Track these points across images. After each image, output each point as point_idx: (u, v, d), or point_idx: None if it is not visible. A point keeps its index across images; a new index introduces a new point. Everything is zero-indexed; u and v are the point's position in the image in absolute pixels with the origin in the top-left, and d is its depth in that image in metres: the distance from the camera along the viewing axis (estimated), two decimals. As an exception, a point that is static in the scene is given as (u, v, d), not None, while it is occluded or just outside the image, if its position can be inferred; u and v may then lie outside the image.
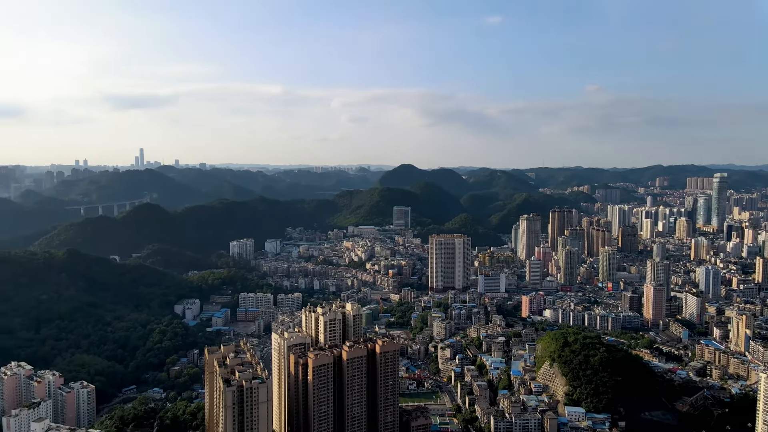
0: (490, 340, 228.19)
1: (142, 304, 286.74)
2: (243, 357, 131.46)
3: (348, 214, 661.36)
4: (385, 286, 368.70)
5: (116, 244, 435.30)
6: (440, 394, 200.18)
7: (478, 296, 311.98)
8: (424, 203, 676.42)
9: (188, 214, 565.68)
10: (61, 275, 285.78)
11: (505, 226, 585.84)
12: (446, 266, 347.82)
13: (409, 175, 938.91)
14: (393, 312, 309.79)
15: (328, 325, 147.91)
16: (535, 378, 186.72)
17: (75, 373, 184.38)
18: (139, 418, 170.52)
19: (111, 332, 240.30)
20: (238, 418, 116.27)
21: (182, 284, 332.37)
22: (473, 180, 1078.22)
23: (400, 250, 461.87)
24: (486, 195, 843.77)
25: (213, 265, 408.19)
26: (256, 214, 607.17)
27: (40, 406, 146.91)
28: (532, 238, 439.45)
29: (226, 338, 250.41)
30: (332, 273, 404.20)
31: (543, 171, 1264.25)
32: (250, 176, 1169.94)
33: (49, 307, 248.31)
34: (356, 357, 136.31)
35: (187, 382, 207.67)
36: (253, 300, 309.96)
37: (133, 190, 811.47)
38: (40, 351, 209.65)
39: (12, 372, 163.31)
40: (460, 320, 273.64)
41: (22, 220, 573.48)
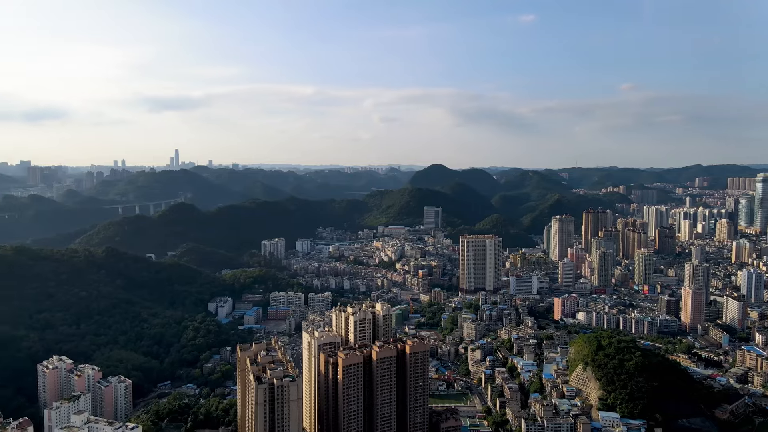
0: (521, 342, 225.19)
1: (177, 302, 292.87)
2: (274, 355, 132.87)
3: (378, 214, 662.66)
4: (415, 287, 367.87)
5: (152, 242, 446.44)
6: (470, 395, 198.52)
7: (509, 298, 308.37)
8: (455, 203, 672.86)
9: (221, 213, 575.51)
10: (100, 272, 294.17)
11: (537, 227, 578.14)
12: (477, 267, 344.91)
13: (439, 175, 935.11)
14: (423, 312, 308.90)
15: (358, 324, 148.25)
16: (567, 382, 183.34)
17: (113, 368, 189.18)
18: (174, 413, 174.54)
19: (147, 329, 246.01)
20: (269, 415, 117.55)
21: (215, 282, 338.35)
22: (504, 180, 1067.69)
23: (430, 250, 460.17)
24: (517, 195, 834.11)
25: (245, 264, 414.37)
26: (287, 214, 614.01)
27: (80, 400, 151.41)
28: (564, 240, 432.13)
29: (257, 336, 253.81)
30: (362, 273, 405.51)
31: (576, 171, 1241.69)
32: (282, 176, 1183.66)
33: (89, 303, 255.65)
34: (386, 357, 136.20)
35: (219, 378, 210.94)
36: (284, 299, 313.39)
37: (169, 190, 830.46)
38: (80, 346, 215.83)
39: (54, 366, 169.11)
40: (491, 322, 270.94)
41: (64, 219, 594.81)
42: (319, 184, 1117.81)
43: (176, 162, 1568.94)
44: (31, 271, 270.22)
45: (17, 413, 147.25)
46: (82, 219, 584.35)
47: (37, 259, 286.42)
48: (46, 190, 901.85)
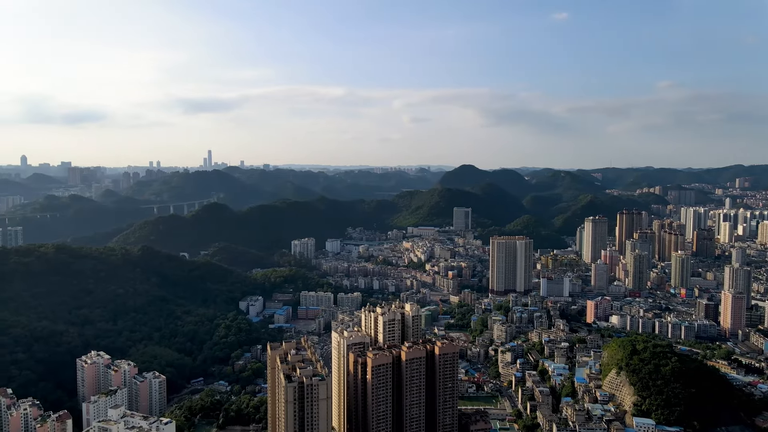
0: (552, 345, 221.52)
1: (209, 300, 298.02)
2: (304, 354, 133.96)
3: (408, 215, 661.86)
4: (445, 288, 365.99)
5: (186, 241, 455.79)
6: (500, 398, 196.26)
7: (540, 300, 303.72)
8: (485, 204, 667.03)
9: (252, 213, 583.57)
10: (136, 270, 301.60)
11: (569, 228, 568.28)
12: (507, 268, 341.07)
13: (469, 175, 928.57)
14: (452, 314, 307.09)
15: (387, 325, 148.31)
16: (600, 386, 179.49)
17: (148, 364, 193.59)
18: (206, 409, 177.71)
19: (181, 326, 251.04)
20: (299, 413, 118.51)
21: (246, 281, 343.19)
22: (536, 181, 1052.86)
23: (460, 251, 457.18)
24: (549, 196, 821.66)
25: (275, 263, 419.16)
26: (317, 214, 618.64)
27: (117, 394, 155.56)
28: (598, 241, 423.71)
29: (287, 335, 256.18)
30: (392, 273, 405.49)
31: (610, 171, 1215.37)
32: (312, 177, 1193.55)
33: (125, 300, 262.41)
34: (415, 358, 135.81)
35: (250, 376, 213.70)
36: (314, 298, 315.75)
37: (202, 190, 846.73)
38: (117, 341, 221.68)
39: (92, 361, 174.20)
40: (522, 324, 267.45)
41: (102, 218, 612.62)
42: (349, 184, 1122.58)
43: (209, 163, 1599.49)
44: (71, 268, 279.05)
45: (57, 406, 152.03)
46: (119, 218, 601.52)
47: (76, 257, 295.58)
48: (85, 190, 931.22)
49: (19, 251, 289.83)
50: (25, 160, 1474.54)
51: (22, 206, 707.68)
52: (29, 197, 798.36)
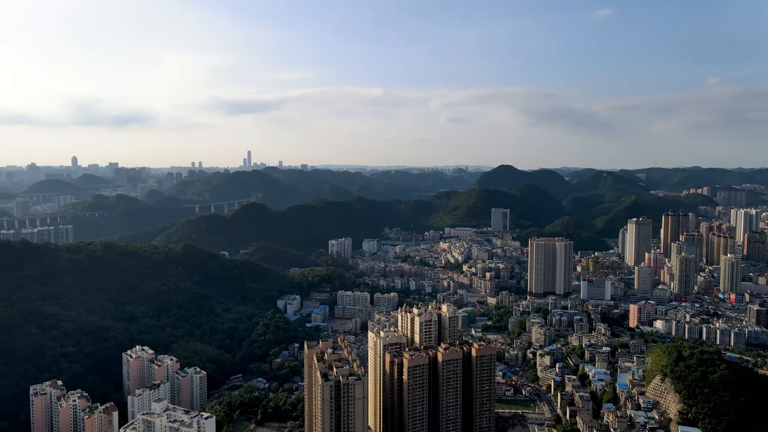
0: (593, 350, 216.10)
1: (248, 298, 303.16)
2: (340, 353, 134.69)
3: (445, 215, 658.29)
4: (482, 289, 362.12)
5: (226, 240, 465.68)
6: (538, 402, 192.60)
7: (581, 303, 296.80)
8: (524, 205, 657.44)
9: (290, 213, 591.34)
10: (178, 268, 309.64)
11: (611, 230, 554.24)
12: (546, 270, 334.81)
13: (508, 176, 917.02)
14: (490, 315, 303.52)
15: (423, 326, 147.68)
16: (644, 393, 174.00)
17: (189, 360, 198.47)
18: (245, 405, 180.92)
19: (221, 323, 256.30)
20: (335, 412, 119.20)
21: (284, 280, 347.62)
22: (576, 181, 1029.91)
23: (497, 252, 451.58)
24: (590, 197, 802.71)
25: (313, 262, 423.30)
26: (354, 214, 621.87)
27: (160, 388, 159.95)
28: (641, 244, 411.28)
29: (324, 334, 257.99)
30: (428, 274, 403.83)
31: (655, 171, 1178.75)
32: (349, 177, 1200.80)
33: (168, 297, 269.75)
34: (452, 359, 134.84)
35: (287, 374, 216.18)
36: (351, 298, 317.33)
37: (241, 190, 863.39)
38: (160, 337, 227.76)
39: (137, 355, 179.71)
40: (561, 327, 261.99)
41: (146, 217, 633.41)
42: (386, 184, 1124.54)
43: (249, 163, 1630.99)
44: (117, 265, 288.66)
45: (104, 398, 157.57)
46: (162, 217, 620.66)
47: (123, 255, 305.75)
48: (131, 189, 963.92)
49: (70, 248, 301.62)
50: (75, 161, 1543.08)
51: (72, 205, 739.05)
52: (79, 197, 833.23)
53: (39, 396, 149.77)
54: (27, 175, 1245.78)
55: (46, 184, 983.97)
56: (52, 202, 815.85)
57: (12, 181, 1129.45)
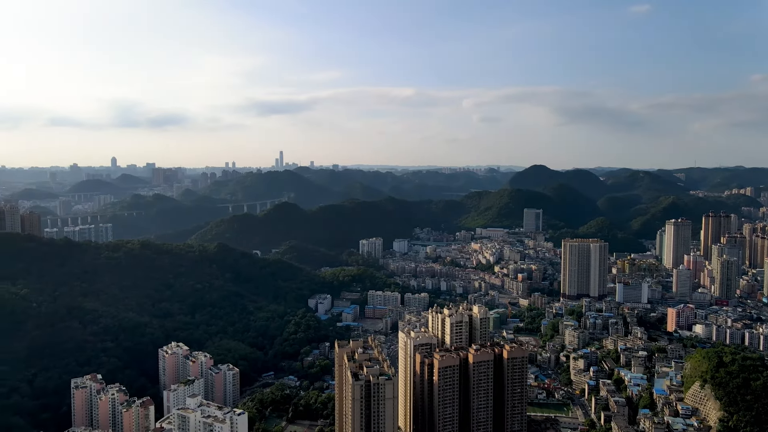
0: (629, 354, 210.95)
1: (280, 297, 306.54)
2: (371, 353, 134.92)
3: (476, 216, 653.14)
4: (514, 291, 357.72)
5: (258, 239, 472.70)
6: (572, 407, 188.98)
7: (616, 305, 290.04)
8: (557, 205, 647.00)
9: (321, 212, 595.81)
10: (212, 267, 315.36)
11: (647, 231, 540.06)
12: (580, 272, 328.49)
13: (541, 176, 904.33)
14: (522, 317, 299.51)
15: (454, 326, 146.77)
16: (682, 399, 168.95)
17: (222, 356, 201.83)
18: (276, 403, 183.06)
19: (253, 321, 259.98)
20: (365, 411, 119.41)
21: (315, 279, 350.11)
22: (611, 181, 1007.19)
23: (530, 253, 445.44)
24: (626, 197, 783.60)
25: (343, 262, 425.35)
26: (384, 214, 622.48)
27: (194, 384, 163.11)
28: (680, 245, 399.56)
29: (354, 334, 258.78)
30: (459, 275, 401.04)
31: (694, 171, 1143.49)
32: (380, 177, 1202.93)
33: (202, 295, 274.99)
34: (483, 361, 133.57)
35: (318, 372, 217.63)
36: (381, 298, 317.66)
37: (273, 190, 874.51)
38: (195, 334, 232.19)
39: (172, 351, 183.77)
40: (595, 330, 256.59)
41: (182, 216, 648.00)
42: (417, 184, 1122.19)
43: (281, 163, 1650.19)
44: (154, 263, 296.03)
45: (141, 392, 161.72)
46: (197, 216, 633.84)
47: (159, 253, 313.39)
48: (167, 189, 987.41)
49: (109, 246, 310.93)
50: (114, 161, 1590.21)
51: (111, 204, 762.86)
52: (118, 196, 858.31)
53: (80, 389, 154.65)
54: (69, 175, 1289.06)
55: (87, 183, 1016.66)
56: (92, 202, 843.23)
57: (55, 181, 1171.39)
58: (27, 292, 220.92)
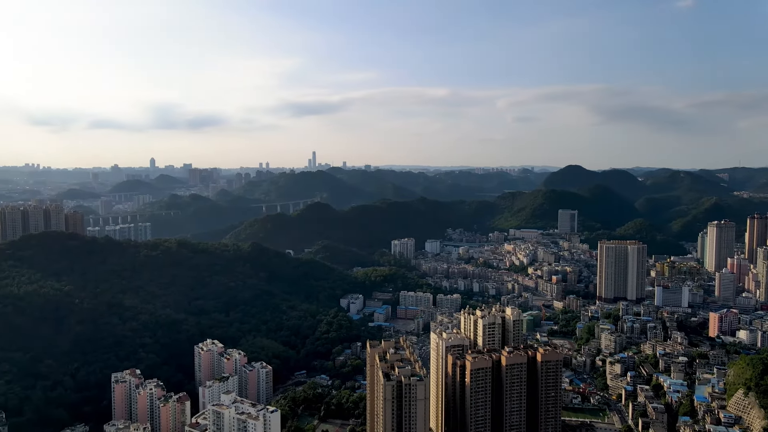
0: (668, 359, 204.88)
1: (312, 296, 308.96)
2: (402, 353, 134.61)
3: (509, 217, 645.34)
4: (548, 293, 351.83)
5: (291, 239, 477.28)
6: (608, 412, 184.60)
7: (655, 309, 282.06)
8: (593, 206, 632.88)
9: (354, 213, 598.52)
10: (246, 266, 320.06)
11: (688, 233, 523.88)
12: (617, 275, 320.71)
13: (576, 176, 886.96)
14: (556, 320, 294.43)
15: (487, 328, 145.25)
16: (725, 407, 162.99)
17: (256, 354, 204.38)
18: (309, 401, 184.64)
19: (286, 320, 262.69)
20: (397, 412, 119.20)
21: (347, 279, 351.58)
22: (650, 182, 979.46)
23: (565, 255, 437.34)
24: (666, 198, 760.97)
25: (375, 262, 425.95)
26: (416, 215, 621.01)
27: (228, 381, 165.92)
28: (723, 248, 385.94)
29: (386, 334, 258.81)
30: (492, 276, 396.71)
31: (739, 171, 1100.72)
32: (412, 177, 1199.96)
33: (236, 293, 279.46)
34: (516, 363, 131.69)
35: (350, 372, 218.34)
36: (413, 299, 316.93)
37: (306, 190, 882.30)
38: (229, 331, 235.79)
39: (207, 348, 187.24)
40: (633, 334, 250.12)
41: (217, 216, 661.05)
42: (449, 185, 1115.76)
43: (313, 164, 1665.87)
44: (190, 262, 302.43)
45: (177, 388, 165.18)
46: (231, 216, 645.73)
47: (195, 252, 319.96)
48: (203, 189, 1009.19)
49: (148, 245, 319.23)
50: (153, 162, 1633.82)
51: (150, 204, 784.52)
52: (156, 196, 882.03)
53: (119, 383, 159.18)
54: (110, 175, 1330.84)
55: (127, 184, 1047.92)
56: (132, 201, 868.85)
57: (97, 181, 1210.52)
58: (71, 289, 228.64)
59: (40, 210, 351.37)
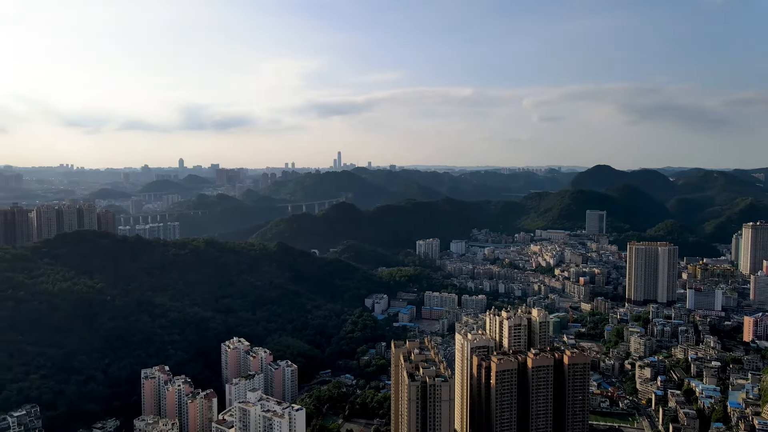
0: (700, 364, 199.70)
1: (337, 296, 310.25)
2: (427, 354, 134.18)
3: (536, 217, 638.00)
4: (575, 294, 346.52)
5: (316, 238, 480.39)
6: (637, 417, 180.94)
7: (687, 313, 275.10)
8: (622, 207, 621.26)
9: (378, 213, 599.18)
10: (272, 265, 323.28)
11: (722, 235, 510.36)
12: (647, 277, 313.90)
13: (604, 176, 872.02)
14: (584, 322, 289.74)
15: (512, 329, 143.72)
16: (759, 413, 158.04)
17: (281, 353, 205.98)
18: (333, 400, 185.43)
19: (311, 319, 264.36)
20: (422, 412, 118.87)
21: (372, 279, 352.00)
22: (682, 182, 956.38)
23: (593, 256, 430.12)
24: (698, 199, 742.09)
25: (400, 262, 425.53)
26: (441, 215, 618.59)
27: (254, 379, 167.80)
28: (759, 250, 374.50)
29: (411, 334, 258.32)
30: (518, 277, 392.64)
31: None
32: (437, 177, 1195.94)
33: (263, 292, 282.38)
34: (542, 366, 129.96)
35: (374, 372, 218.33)
36: (438, 299, 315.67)
37: (331, 190, 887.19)
38: (255, 330, 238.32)
39: (234, 346, 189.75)
40: (663, 338, 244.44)
41: (243, 215, 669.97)
42: (475, 185, 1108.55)
43: (338, 164, 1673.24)
44: (217, 261, 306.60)
45: (205, 385, 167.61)
46: (257, 215, 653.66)
47: (222, 251, 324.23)
48: (230, 189, 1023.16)
49: (176, 244, 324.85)
50: (182, 162, 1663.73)
51: (179, 204, 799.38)
52: (185, 196, 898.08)
53: (149, 379, 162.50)
54: (141, 175, 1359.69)
55: (156, 184, 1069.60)
56: (161, 201, 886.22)
57: (128, 181, 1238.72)
58: (103, 286, 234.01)
59: (73, 209, 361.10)
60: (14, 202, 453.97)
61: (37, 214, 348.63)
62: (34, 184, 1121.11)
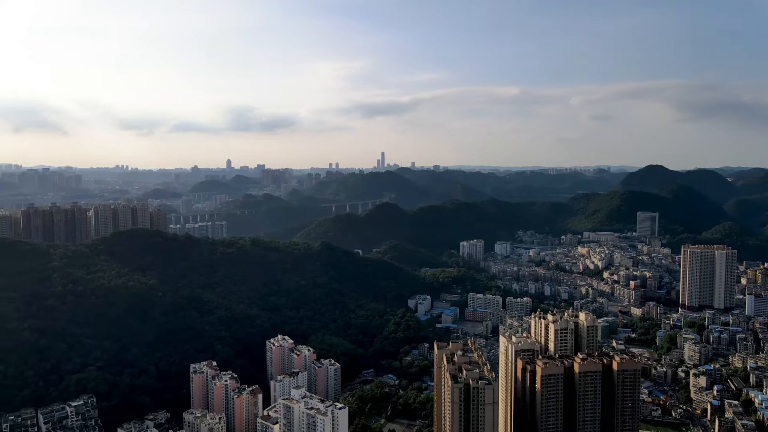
0: (760, 373, 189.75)
1: (380, 296, 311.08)
2: (470, 356, 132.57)
3: (583, 219, 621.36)
4: (625, 299, 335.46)
5: (359, 238, 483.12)
6: (691, 427, 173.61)
7: (746, 319, 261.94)
8: (676, 209, 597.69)
9: (422, 213, 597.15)
10: (316, 264, 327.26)
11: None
12: (702, 282, 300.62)
13: (656, 176, 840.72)
14: (634, 327, 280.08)
15: (559, 333, 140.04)
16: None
17: (325, 351, 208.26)
18: (376, 400, 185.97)
19: (354, 319, 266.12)
20: (464, 415, 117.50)
21: (415, 280, 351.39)
22: (742, 182, 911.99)
23: (644, 260, 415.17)
24: (760, 200, 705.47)
25: (443, 263, 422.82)
26: (485, 216, 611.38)
27: (298, 376, 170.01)
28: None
29: (454, 336, 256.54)
30: (564, 279, 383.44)
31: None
32: (481, 178, 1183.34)
33: (306, 291, 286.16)
34: (590, 371, 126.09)
35: (417, 372, 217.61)
36: (482, 301, 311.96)
37: (375, 191, 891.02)
38: (299, 328, 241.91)
39: (278, 344, 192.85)
40: (720, 345, 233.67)
41: (288, 215, 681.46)
42: (520, 185, 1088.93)
43: (382, 164, 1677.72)
44: (263, 259, 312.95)
45: (250, 381, 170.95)
46: (302, 215, 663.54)
47: (267, 250, 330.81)
48: (275, 189, 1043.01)
49: (224, 243, 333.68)
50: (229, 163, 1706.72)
51: (226, 203, 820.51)
52: (232, 196, 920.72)
53: (197, 374, 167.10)
54: (191, 176, 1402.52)
55: (205, 184, 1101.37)
56: (210, 201, 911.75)
57: (179, 181, 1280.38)
58: (154, 283, 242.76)
59: (128, 208, 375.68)
60: (74, 201, 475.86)
61: (95, 213, 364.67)
62: (92, 184, 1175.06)
